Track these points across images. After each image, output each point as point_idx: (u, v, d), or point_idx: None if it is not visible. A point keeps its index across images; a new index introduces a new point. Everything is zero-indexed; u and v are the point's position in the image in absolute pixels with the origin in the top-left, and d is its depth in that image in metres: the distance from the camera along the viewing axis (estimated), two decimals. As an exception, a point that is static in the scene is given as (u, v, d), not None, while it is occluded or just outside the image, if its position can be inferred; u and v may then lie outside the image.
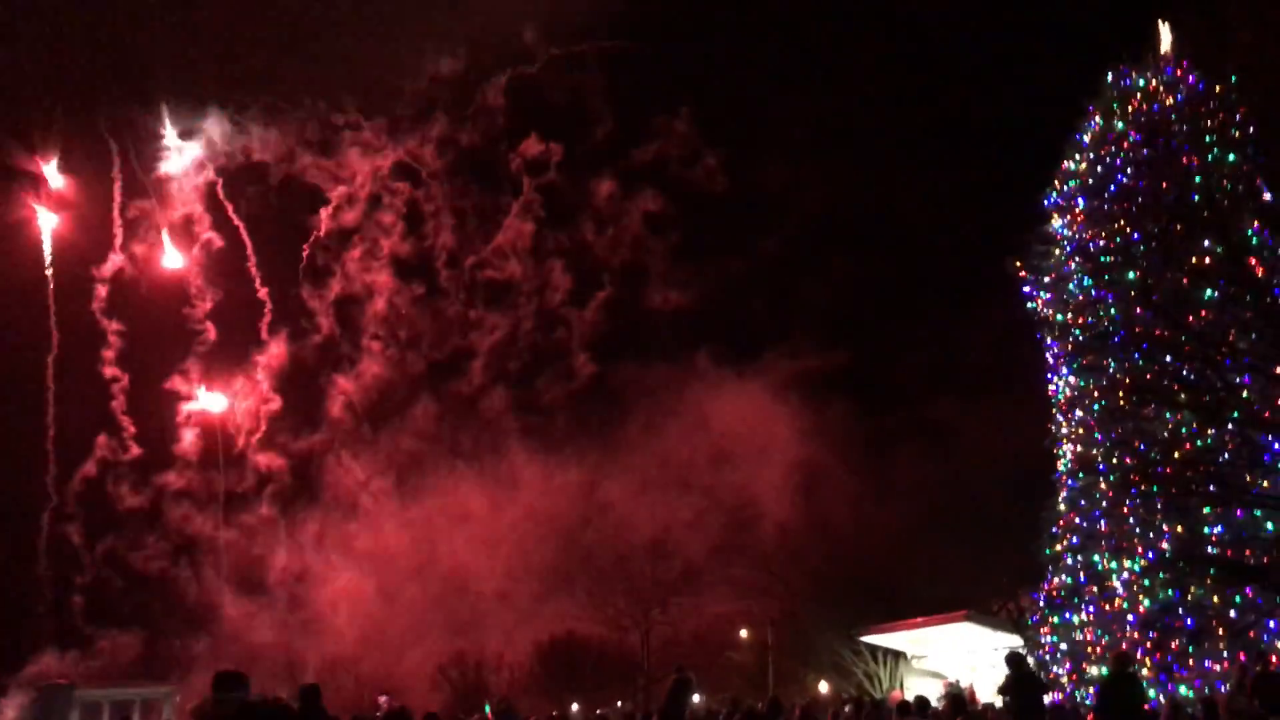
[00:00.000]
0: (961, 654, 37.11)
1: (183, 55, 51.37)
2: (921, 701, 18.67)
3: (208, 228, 53.85)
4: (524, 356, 59.13)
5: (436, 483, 57.52)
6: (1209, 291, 20.31)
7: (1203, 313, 20.35)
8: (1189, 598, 19.33)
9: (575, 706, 50.33)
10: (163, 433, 52.52)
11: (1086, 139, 23.56)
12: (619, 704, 50.43)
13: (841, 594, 45.32)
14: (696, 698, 31.93)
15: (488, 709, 22.77)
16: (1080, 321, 22.38)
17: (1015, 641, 31.49)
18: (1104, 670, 17.89)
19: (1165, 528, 19.96)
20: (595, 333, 58.94)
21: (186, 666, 48.56)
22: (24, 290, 50.94)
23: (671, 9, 56.29)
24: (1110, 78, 23.59)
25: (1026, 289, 23.90)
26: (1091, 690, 19.02)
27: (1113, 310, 21.51)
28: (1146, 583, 19.98)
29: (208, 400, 54.04)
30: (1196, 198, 20.87)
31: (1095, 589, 21.19)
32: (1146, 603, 19.82)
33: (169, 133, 53.02)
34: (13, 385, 50.82)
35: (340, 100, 54.17)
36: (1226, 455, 19.88)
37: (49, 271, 51.58)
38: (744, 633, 53.14)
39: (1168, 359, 20.69)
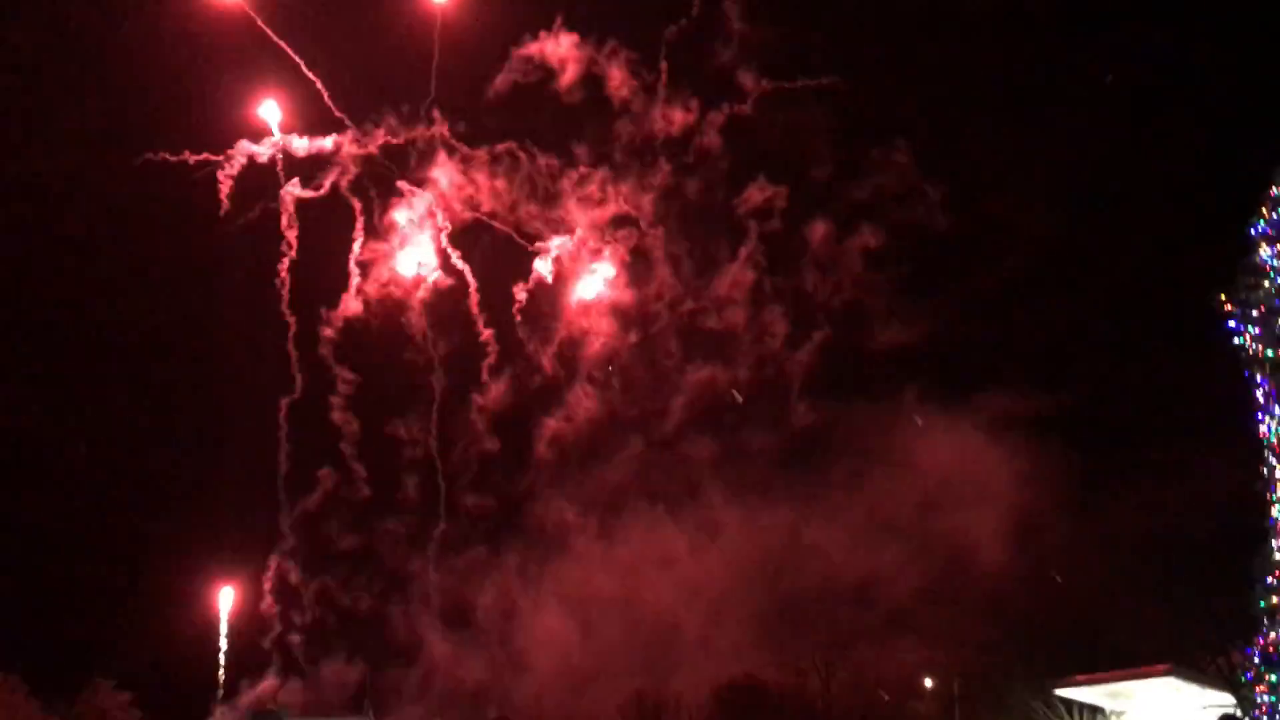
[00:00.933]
0: (1165, 712, 35.10)
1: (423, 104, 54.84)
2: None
3: (436, 270, 56.74)
4: (735, 400, 59.68)
5: (638, 526, 58.72)
6: None
7: None
8: None
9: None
10: (384, 476, 55.07)
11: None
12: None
13: (1036, 643, 43.54)
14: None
15: None
16: (1294, 358, 21.06)
17: (1226, 700, 29.64)
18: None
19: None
20: (806, 375, 59.07)
21: (389, 699, 50.77)
22: (258, 328, 54.64)
23: (880, 41, 56.46)
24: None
25: (1233, 323, 22.63)
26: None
27: (1330, 345, 20.18)
28: (1377, 640, 18.48)
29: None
30: None
31: (1318, 645, 19.72)
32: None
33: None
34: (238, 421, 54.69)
35: (564, 149, 56.52)
36: None
37: (289, 315, 54.88)
38: (929, 681, 51.62)
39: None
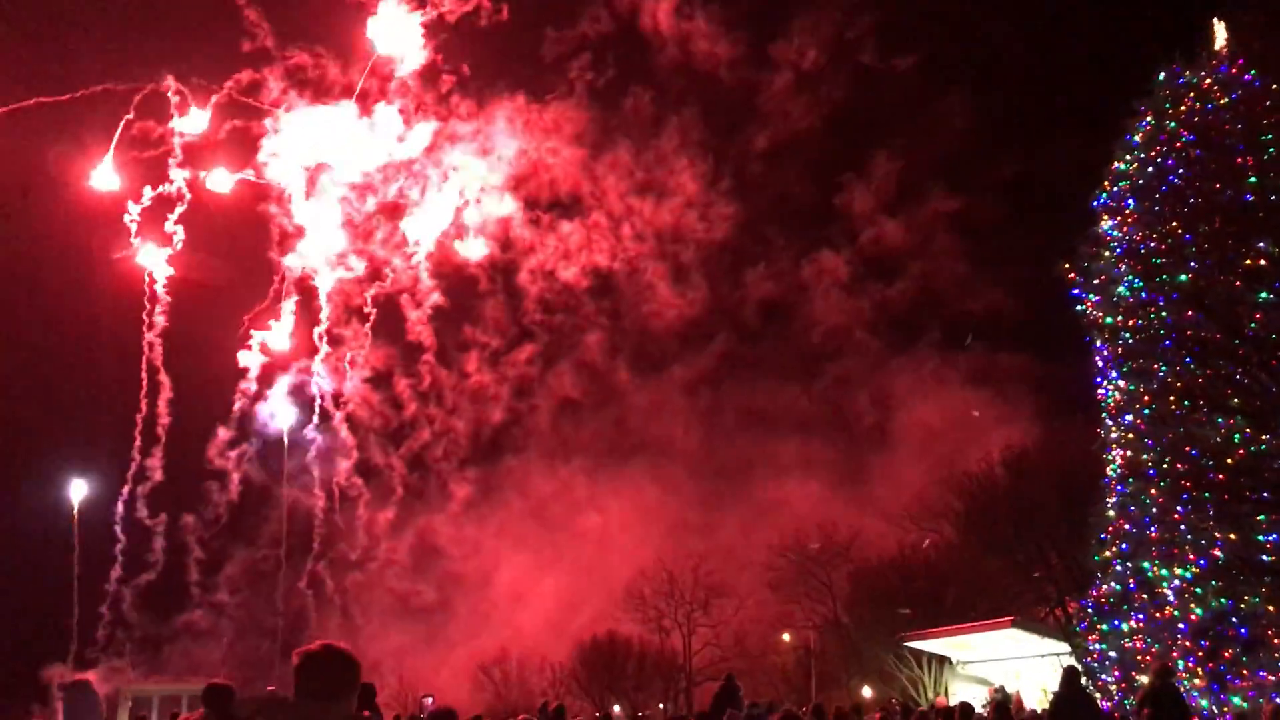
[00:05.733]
0: (1007, 660, 36.71)
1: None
2: (965, 708, 18.53)
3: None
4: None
5: (572, 483, 59.26)
6: (1263, 294, 19.92)
7: (1256, 316, 19.98)
8: (1242, 606, 18.95)
9: (617, 708, 50.38)
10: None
11: (1137, 139, 23.10)
12: (660, 706, 50.41)
13: (887, 599, 45.01)
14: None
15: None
16: (1130, 324, 21.97)
17: (1062, 648, 31.11)
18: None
19: (1217, 535, 19.54)
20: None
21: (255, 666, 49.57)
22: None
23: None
24: (1162, 77, 23.16)
25: (1075, 291, 23.53)
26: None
27: (1164, 313, 21.13)
28: (1198, 591, 19.58)
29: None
30: (1251, 198, 20.50)
31: (1145, 596, 20.80)
32: (1198, 611, 19.42)
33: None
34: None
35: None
36: (1280, 462, 19.49)
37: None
38: (786, 636, 52.92)
39: (1220, 363, 20.32)
